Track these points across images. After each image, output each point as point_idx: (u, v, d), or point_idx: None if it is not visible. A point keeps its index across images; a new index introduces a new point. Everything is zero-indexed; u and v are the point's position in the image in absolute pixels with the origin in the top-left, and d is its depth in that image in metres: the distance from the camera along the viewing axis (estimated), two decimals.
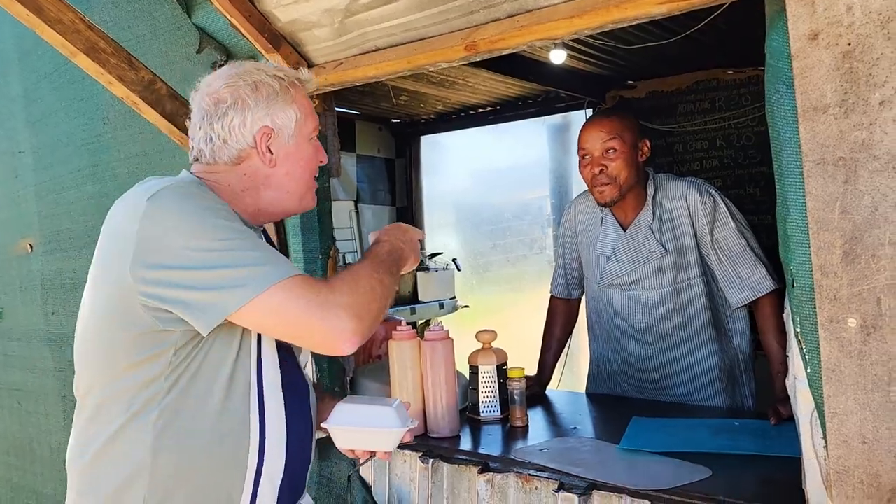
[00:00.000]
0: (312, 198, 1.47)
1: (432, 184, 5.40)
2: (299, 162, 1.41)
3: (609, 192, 2.16)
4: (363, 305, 1.22)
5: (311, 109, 1.43)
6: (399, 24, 1.77)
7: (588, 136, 2.17)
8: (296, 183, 1.41)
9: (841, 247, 1.18)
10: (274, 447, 1.32)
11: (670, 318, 2.24)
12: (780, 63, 1.26)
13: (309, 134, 1.42)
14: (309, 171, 1.43)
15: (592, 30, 1.52)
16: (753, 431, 1.86)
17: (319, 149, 1.46)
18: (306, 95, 1.44)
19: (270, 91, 1.36)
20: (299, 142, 1.40)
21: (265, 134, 1.36)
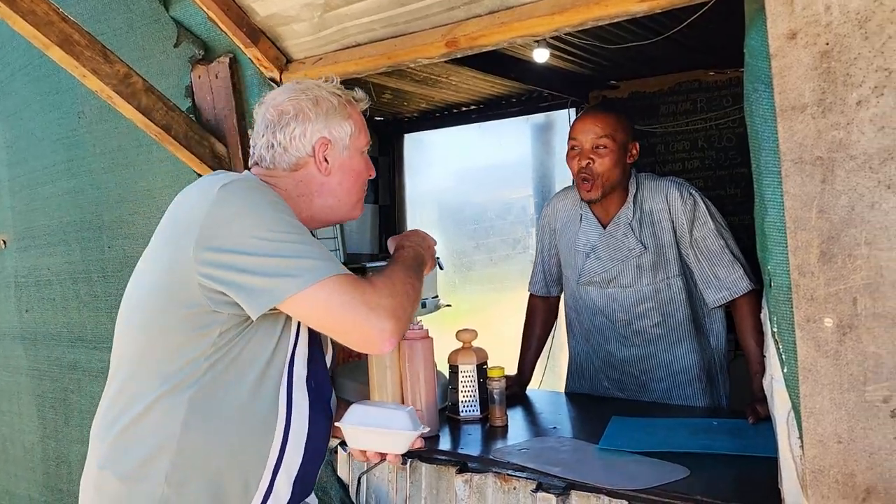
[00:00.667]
0: (361, 207, 1.56)
1: (415, 182, 5.38)
2: (351, 173, 1.50)
3: (594, 189, 2.16)
4: (401, 307, 1.29)
5: (364, 126, 1.53)
6: (379, 19, 1.75)
7: (582, 127, 2.17)
8: (347, 192, 1.50)
9: (818, 246, 1.18)
10: (296, 441, 1.37)
11: (650, 316, 2.24)
12: (758, 62, 1.26)
13: (361, 147, 1.51)
14: (360, 182, 1.52)
15: (573, 27, 1.52)
16: (731, 431, 1.86)
17: (369, 163, 1.55)
18: (360, 113, 1.53)
19: (329, 106, 1.47)
20: (352, 154, 1.49)
21: (323, 144, 1.46)
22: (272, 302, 1.23)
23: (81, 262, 2.65)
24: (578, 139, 2.17)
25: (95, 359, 2.69)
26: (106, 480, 1.32)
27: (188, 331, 1.28)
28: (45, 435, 2.85)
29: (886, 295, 1.12)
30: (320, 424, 1.44)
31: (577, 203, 2.32)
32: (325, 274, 1.23)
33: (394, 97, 4.50)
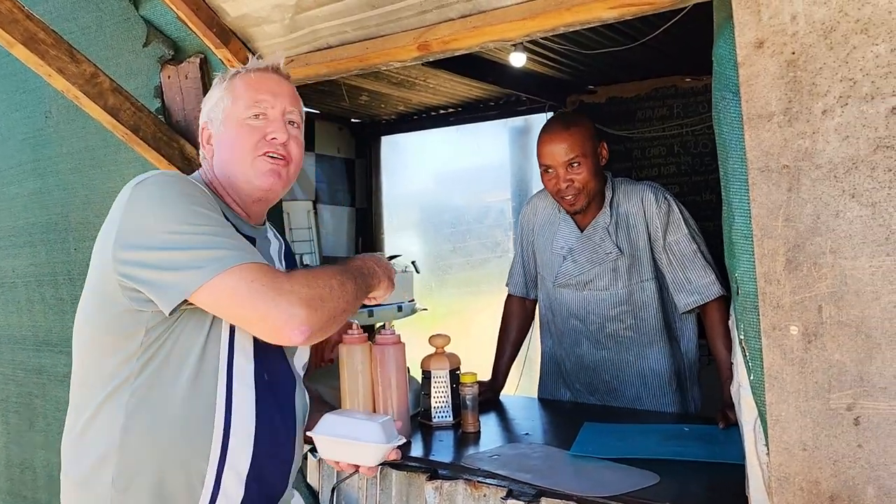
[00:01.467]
0: (262, 175, 1.43)
1: (392, 185, 5.36)
2: (228, 144, 1.43)
3: (579, 201, 2.16)
4: (318, 298, 1.23)
5: (245, 93, 1.43)
6: (350, 21, 1.74)
7: (549, 150, 2.15)
8: (231, 165, 1.43)
9: (784, 254, 1.18)
10: (241, 438, 1.33)
11: (623, 319, 2.25)
12: (726, 70, 1.26)
13: (241, 116, 1.42)
14: (242, 149, 1.42)
15: (545, 32, 1.51)
16: (702, 437, 1.87)
17: (259, 128, 1.43)
18: (249, 81, 1.45)
19: (212, 88, 1.47)
20: (228, 126, 1.43)
21: (203, 130, 1.47)
22: (181, 295, 1.20)
23: (47, 263, 2.60)
24: (550, 163, 2.15)
25: (61, 363, 2.64)
26: (66, 486, 1.36)
27: (118, 333, 1.27)
28: (8, 440, 2.80)
29: (850, 303, 1.13)
30: (273, 421, 1.39)
31: (555, 205, 2.32)
32: (233, 262, 1.20)
33: (371, 99, 4.48)
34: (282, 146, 1.43)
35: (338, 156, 5.11)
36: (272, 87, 1.45)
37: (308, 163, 4.86)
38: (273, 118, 1.43)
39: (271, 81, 1.46)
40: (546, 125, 2.22)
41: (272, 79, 1.47)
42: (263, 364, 1.38)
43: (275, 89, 1.45)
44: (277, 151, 1.43)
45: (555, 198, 2.23)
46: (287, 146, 1.44)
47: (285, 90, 1.47)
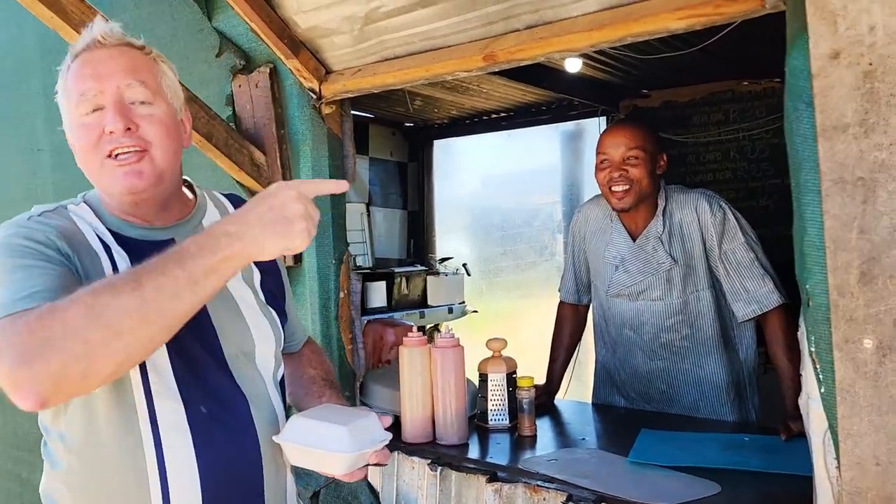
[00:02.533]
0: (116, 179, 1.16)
1: (444, 188, 5.40)
2: (76, 152, 1.20)
3: (627, 197, 2.15)
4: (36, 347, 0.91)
5: (72, 87, 1.17)
6: (418, 32, 1.77)
7: (611, 141, 2.16)
8: (89, 175, 1.20)
9: (858, 267, 1.17)
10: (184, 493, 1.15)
11: (678, 329, 2.24)
12: (800, 82, 1.26)
13: (75, 117, 1.17)
14: (85, 156, 1.18)
15: (611, 43, 1.52)
16: (763, 447, 1.85)
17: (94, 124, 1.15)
18: (74, 71, 1.17)
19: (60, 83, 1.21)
20: (71, 131, 1.20)
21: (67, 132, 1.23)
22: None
23: None
24: (608, 153, 2.16)
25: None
26: None
27: None
28: None
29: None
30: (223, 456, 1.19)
31: (607, 213, 2.31)
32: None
33: (424, 104, 4.52)
34: (127, 136, 1.14)
35: (391, 159, 5.18)
36: (97, 68, 1.16)
37: (362, 166, 4.93)
38: (107, 104, 1.15)
39: (95, 62, 1.17)
40: (612, 123, 2.24)
41: (96, 57, 1.17)
42: (198, 395, 1.16)
43: (100, 69, 1.16)
44: (123, 145, 1.14)
45: (604, 193, 2.21)
46: (137, 133, 1.16)
47: (117, 64, 1.17)
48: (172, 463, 1.13)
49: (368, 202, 4.99)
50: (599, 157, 2.19)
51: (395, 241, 5.23)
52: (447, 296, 4.92)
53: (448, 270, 5.03)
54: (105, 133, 1.14)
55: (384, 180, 5.14)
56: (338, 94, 2.02)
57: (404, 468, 1.98)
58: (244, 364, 1.25)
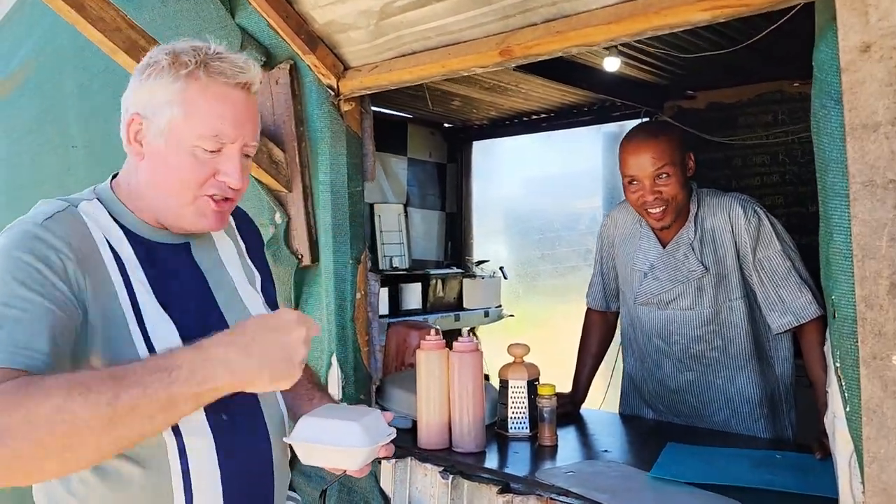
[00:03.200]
0: (201, 217, 1.18)
1: (483, 190, 5.35)
2: (165, 167, 1.15)
3: (666, 216, 2.05)
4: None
5: (203, 116, 1.13)
6: (434, 27, 1.73)
7: (636, 160, 2.03)
8: (163, 191, 1.16)
9: (888, 277, 1.08)
10: (204, 480, 1.15)
11: (709, 340, 2.14)
12: (828, 77, 1.17)
13: (190, 141, 1.13)
14: (182, 183, 1.15)
15: (631, 37, 1.45)
16: (796, 466, 1.75)
17: (211, 163, 1.15)
18: (210, 98, 1.13)
19: (157, 71, 1.13)
20: (171, 144, 1.14)
21: (133, 121, 1.16)
22: None
23: None
24: (636, 174, 2.03)
25: None
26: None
27: None
28: None
29: None
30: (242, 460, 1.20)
31: (637, 219, 2.23)
32: None
33: (463, 104, 4.49)
34: (230, 189, 1.19)
35: (429, 160, 5.15)
36: (238, 113, 1.15)
37: (400, 166, 4.92)
38: (229, 154, 1.16)
39: (238, 105, 1.16)
40: (630, 133, 2.11)
41: (239, 100, 1.16)
42: (219, 403, 1.09)
43: (240, 117, 1.16)
44: (225, 195, 1.18)
45: (639, 212, 2.12)
46: (239, 189, 1.20)
47: (251, 115, 1.19)
48: (197, 469, 1.13)
49: (406, 203, 4.97)
50: (626, 178, 2.08)
51: (433, 242, 5.20)
52: (483, 299, 4.87)
53: (485, 273, 4.98)
54: (218, 177, 1.16)
55: (422, 181, 5.12)
56: (355, 90, 1.99)
57: (417, 475, 1.93)
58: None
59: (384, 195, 4.82)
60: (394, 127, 4.82)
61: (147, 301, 1.14)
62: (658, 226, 2.10)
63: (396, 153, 4.89)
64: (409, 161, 5.01)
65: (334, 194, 2.06)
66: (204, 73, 1.13)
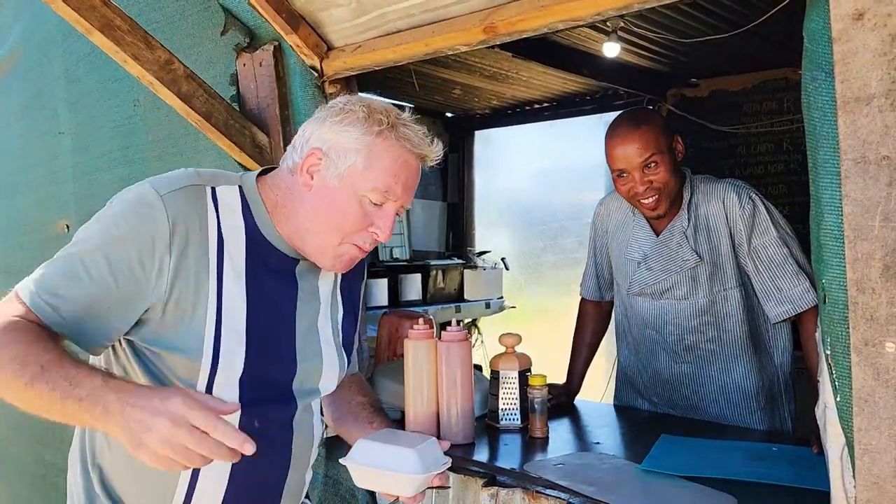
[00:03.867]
0: (338, 259, 1.27)
1: (485, 180, 5.29)
2: (329, 206, 1.23)
3: (660, 205, 1.99)
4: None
5: (382, 172, 1.21)
6: (418, 3, 1.68)
7: (621, 153, 1.96)
8: (316, 225, 1.24)
9: (881, 259, 1.02)
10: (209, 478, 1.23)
11: (704, 331, 2.08)
12: (818, 47, 1.11)
13: (362, 189, 1.22)
14: (339, 225, 1.23)
15: (618, 10, 1.40)
16: (792, 459, 1.70)
17: (371, 214, 1.24)
18: (393, 159, 1.22)
19: (352, 120, 1.23)
20: (343, 187, 1.22)
21: (313, 154, 1.24)
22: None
23: None
24: (624, 167, 1.97)
25: None
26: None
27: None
28: None
29: None
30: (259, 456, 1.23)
31: (629, 207, 2.17)
32: (18, 288, 1.12)
33: (464, 93, 4.44)
34: (375, 241, 1.28)
35: None
36: (410, 178, 1.25)
37: None
38: (388, 211, 1.25)
39: (412, 171, 1.26)
40: (612, 126, 2.03)
41: (414, 168, 1.26)
42: (252, 410, 1.21)
43: (411, 182, 1.26)
44: (368, 246, 1.28)
45: (632, 203, 2.06)
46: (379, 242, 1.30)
47: (416, 182, 1.29)
48: (207, 470, 1.16)
49: None
50: (615, 172, 2.01)
51: (434, 233, 5.15)
52: (485, 290, 4.81)
53: (486, 264, 4.92)
54: (370, 229, 1.24)
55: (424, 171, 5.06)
56: (340, 71, 1.94)
57: None
58: (306, 394, 1.34)
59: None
60: None
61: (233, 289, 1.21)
62: (652, 215, 2.04)
63: None
64: None
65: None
66: (393, 135, 1.22)
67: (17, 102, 3.26)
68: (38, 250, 3.20)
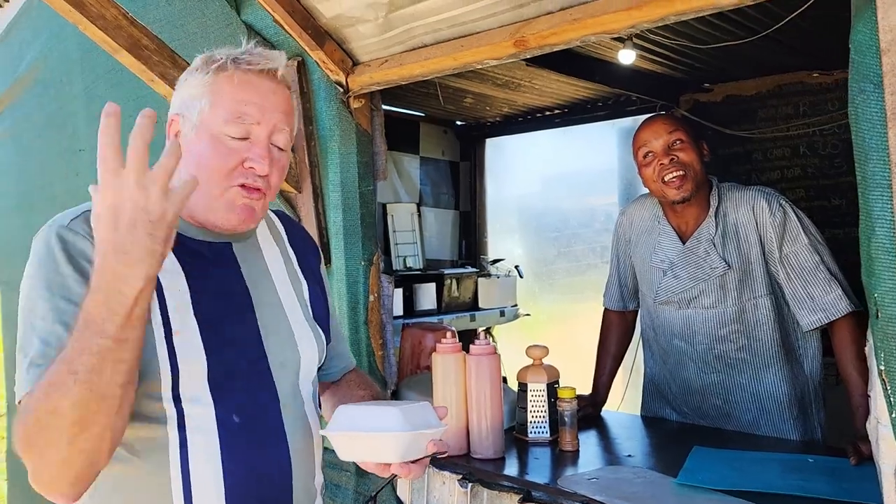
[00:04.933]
0: (231, 210, 1.17)
1: (497, 188, 5.28)
2: (197, 161, 1.14)
3: (686, 183, 1.98)
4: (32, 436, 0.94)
5: (228, 101, 1.15)
6: (445, 18, 1.67)
7: (649, 132, 2.02)
8: (201, 185, 1.12)
9: None
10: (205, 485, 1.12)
11: (734, 340, 2.06)
12: (866, 59, 1.09)
13: (217, 128, 1.15)
14: (211, 171, 1.15)
15: (652, 23, 1.38)
16: (829, 471, 1.68)
17: (237, 150, 1.16)
18: (234, 84, 1.16)
19: (191, 71, 1.19)
20: (201, 136, 1.15)
21: (172, 122, 1.19)
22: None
23: None
24: (650, 144, 2.01)
25: None
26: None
27: None
28: None
29: None
30: (255, 469, 1.16)
31: (654, 214, 2.16)
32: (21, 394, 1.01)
33: (475, 101, 4.42)
34: (261, 178, 1.18)
35: (442, 158, 5.09)
36: (262, 97, 1.17)
37: (413, 165, 4.87)
38: (257, 139, 1.17)
39: (263, 89, 1.18)
40: (642, 122, 2.11)
41: (264, 85, 1.18)
42: (229, 403, 1.14)
43: (265, 101, 1.18)
44: (255, 184, 1.17)
45: (659, 189, 2.04)
46: (268, 178, 1.19)
47: (279, 102, 1.20)
48: (197, 472, 1.11)
49: (419, 202, 4.91)
50: (642, 152, 2.04)
51: (447, 242, 5.14)
52: (499, 298, 4.80)
53: (500, 272, 4.90)
54: (244, 167, 1.16)
55: (435, 180, 5.06)
56: (365, 86, 1.93)
57: (435, 483, 1.88)
58: (287, 375, 1.24)
59: (397, 195, 4.76)
60: (406, 126, 4.77)
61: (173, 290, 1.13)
62: (678, 196, 1.99)
63: (409, 152, 4.83)
64: (422, 160, 4.95)
65: (345, 194, 2.00)
66: (231, 65, 1.17)
67: (36, 119, 3.27)
68: None
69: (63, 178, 3.10)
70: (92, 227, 0.98)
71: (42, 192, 3.31)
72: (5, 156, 3.80)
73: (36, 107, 3.26)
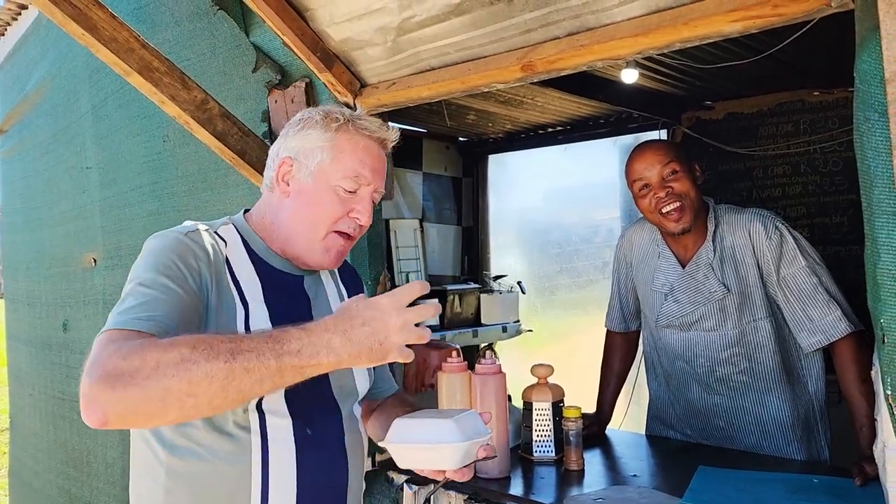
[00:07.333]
0: (326, 253, 1.35)
1: (499, 204, 5.29)
2: (308, 203, 1.33)
3: (684, 215, 1.98)
4: (126, 373, 0.99)
5: (349, 161, 1.33)
6: (453, 42, 1.69)
7: (643, 163, 2.00)
8: (301, 224, 1.34)
9: None
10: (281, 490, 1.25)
11: (735, 362, 2.07)
12: (871, 88, 1.11)
13: (334, 181, 1.33)
14: (320, 216, 1.33)
15: (658, 49, 1.40)
16: (834, 492, 1.68)
17: (347, 201, 1.34)
18: (356, 147, 1.34)
19: (311, 124, 1.35)
20: (318, 185, 1.33)
21: (284, 163, 1.35)
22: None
23: None
24: (644, 175, 2.00)
25: None
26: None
27: None
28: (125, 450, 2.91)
29: None
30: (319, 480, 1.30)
31: (653, 238, 2.17)
32: (106, 327, 1.10)
33: (478, 118, 4.45)
34: (359, 227, 1.37)
35: (444, 174, 5.11)
36: (375, 162, 1.36)
37: (415, 181, 4.88)
38: (363, 196, 1.35)
39: (376, 155, 1.37)
40: (633, 148, 2.09)
41: (377, 153, 1.37)
42: (305, 418, 1.29)
43: (377, 165, 1.36)
44: (353, 232, 1.36)
45: (656, 221, 2.05)
46: (363, 227, 1.38)
47: (383, 167, 1.39)
48: (275, 478, 1.24)
49: (422, 218, 4.92)
50: (637, 185, 2.03)
51: (449, 257, 5.15)
52: (501, 314, 4.80)
53: (502, 288, 4.91)
54: (350, 215, 1.34)
55: (438, 196, 5.07)
56: (373, 108, 1.95)
57: (442, 502, 1.87)
58: (344, 396, 1.39)
59: (400, 211, 4.78)
60: (408, 141, 4.78)
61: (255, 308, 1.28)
62: (678, 228, 2.00)
63: (411, 168, 4.85)
64: (425, 176, 4.97)
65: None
66: (352, 127, 1.34)
67: (43, 137, 3.29)
68: (63, 283, 3.21)
69: (70, 196, 3.13)
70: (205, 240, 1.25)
71: (48, 209, 3.33)
72: (13, 173, 3.84)
73: (43, 124, 3.30)
